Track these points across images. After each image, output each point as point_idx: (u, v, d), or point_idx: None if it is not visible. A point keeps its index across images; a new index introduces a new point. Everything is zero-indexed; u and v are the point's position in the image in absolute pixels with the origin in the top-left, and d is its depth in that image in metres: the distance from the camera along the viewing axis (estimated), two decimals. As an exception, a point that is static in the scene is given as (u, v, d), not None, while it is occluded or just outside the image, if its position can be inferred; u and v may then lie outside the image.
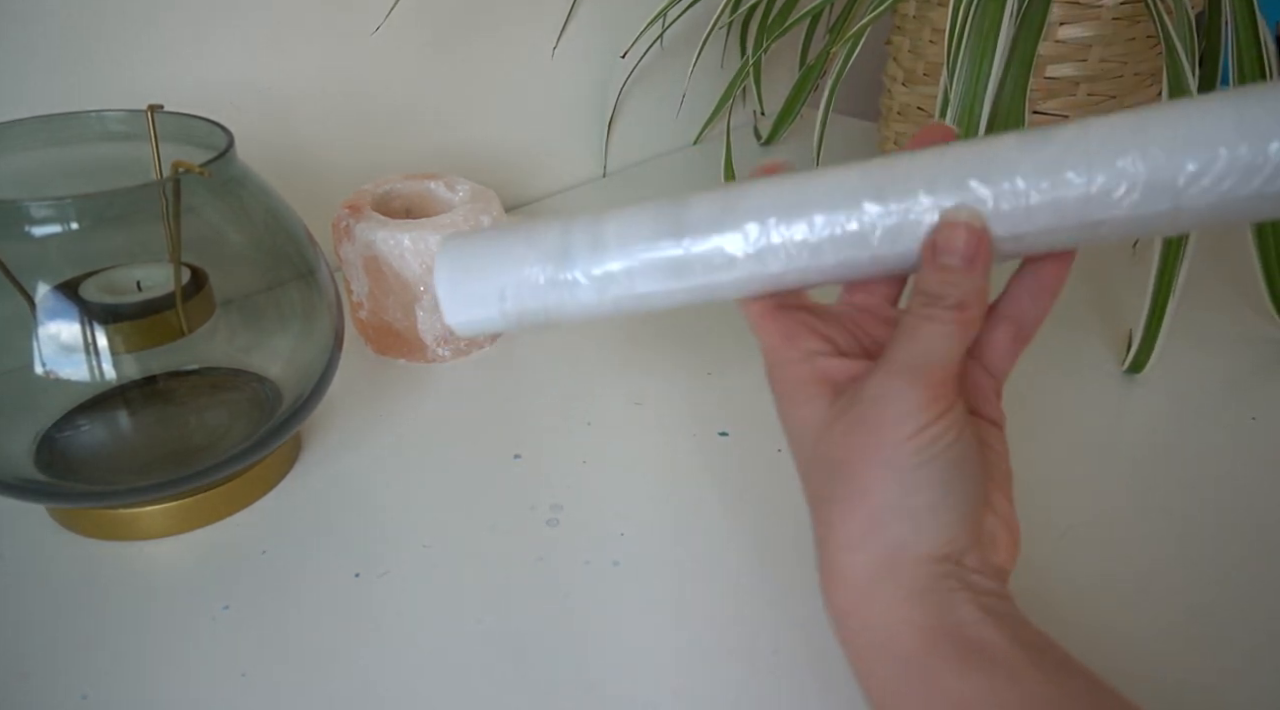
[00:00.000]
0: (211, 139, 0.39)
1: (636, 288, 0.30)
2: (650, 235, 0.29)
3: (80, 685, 0.33)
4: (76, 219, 0.34)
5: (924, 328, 0.27)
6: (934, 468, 0.26)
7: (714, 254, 0.29)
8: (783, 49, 0.92)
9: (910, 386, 0.27)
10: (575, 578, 0.38)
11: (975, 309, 0.27)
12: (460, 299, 0.30)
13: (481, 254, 0.30)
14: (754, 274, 0.29)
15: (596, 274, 0.30)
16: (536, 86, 0.73)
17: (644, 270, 0.29)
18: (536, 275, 0.30)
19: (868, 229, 0.28)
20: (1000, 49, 0.55)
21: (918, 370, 0.27)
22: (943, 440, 0.27)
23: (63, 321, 0.35)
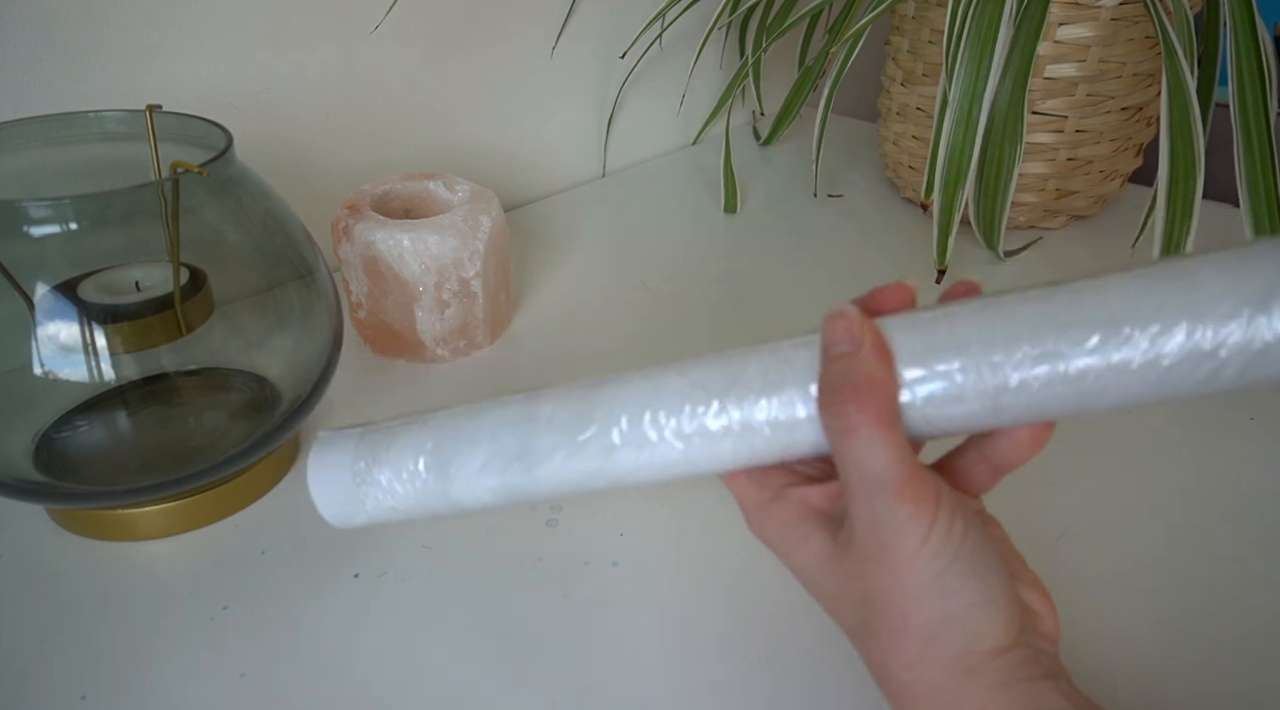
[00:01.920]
0: (210, 139, 0.39)
1: (484, 502, 0.31)
2: (497, 472, 0.30)
3: (80, 685, 0.33)
4: (75, 219, 0.34)
5: (850, 445, 0.26)
6: (959, 566, 0.25)
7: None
8: (782, 49, 0.92)
9: (888, 506, 0.25)
10: (575, 578, 0.38)
11: (879, 399, 0.25)
12: (331, 505, 0.32)
13: (342, 479, 0.32)
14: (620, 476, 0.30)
15: (453, 498, 0.31)
16: (536, 86, 0.73)
17: (495, 492, 0.31)
18: (390, 500, 0.31)
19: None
20: (999, 49, 0.55)
21: (881, 486, 0.25)
22: (952, 538, 0.25)
23: (62, 322, 0.35)
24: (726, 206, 0.73)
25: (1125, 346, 0.24)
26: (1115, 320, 0.24)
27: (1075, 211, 0.70)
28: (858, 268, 0.65)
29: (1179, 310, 0.24)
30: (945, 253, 0.58)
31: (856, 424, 0.25)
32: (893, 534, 0.25)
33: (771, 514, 0.29)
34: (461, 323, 0.52)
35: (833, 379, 0.26)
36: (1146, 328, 0.24)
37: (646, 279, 0.63)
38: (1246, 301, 0.23)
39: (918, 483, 0.25)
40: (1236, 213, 0.55)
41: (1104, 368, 0.24)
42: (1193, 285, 0.24)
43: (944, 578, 0.25)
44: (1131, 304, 0.24)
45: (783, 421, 0.27)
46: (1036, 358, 0.25)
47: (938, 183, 0.57)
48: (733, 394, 0.28)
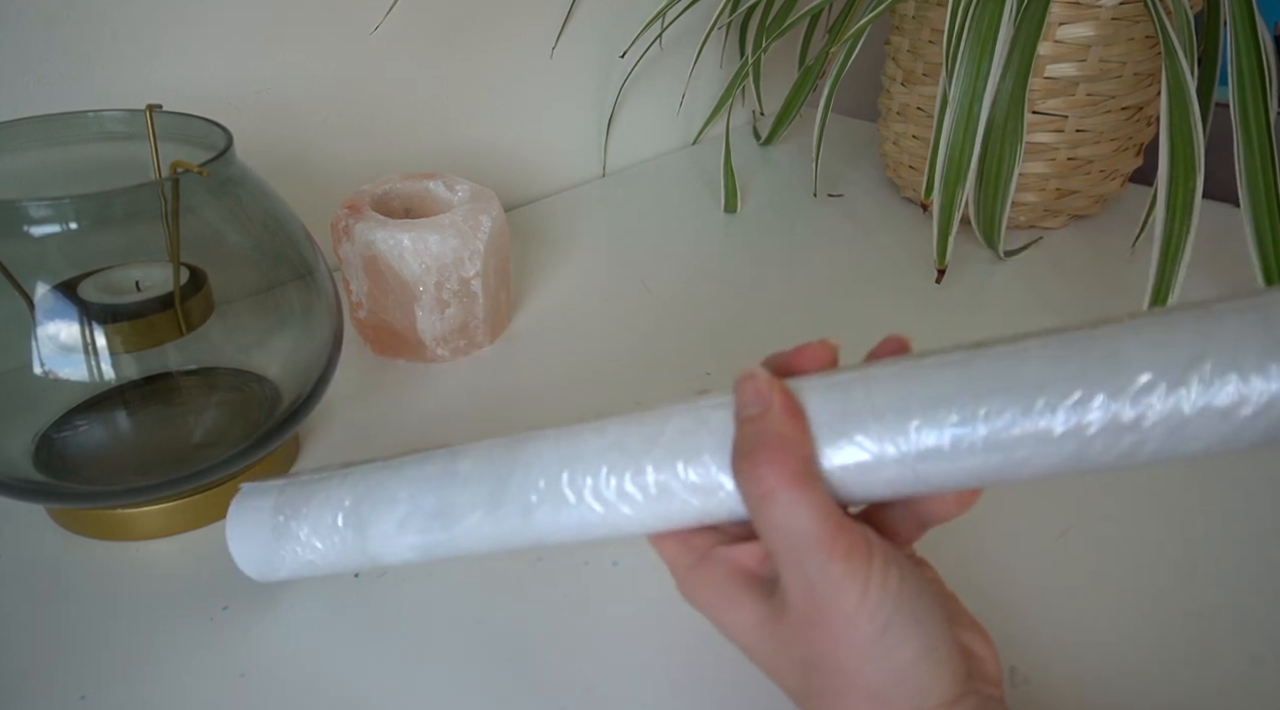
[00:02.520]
0: (210, 139, 0.39)
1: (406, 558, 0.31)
2: (416, 531, 0.30)
3: (79, 685, 0.33)
4: (75, 219, 0.34)
5: (769, 509, 0.25)
6: (900, 618, 0.24)
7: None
8: (782, 49, 0.92)
9: (820, 566, 0.24)
10: (574, 578, 0.38)
11: (793, 459, 0.25)
12: (251, 559, 0.33)
13: (261, 532, 0.33)
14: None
15: (372, 555, 0.32)
16: (536, 86, 0.73)
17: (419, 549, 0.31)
18: (310, 555, 0.32)
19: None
20: (999, 49, 0.55)
21: (809, 547, 0.24)
22: (889, 589, 0.24)
23: (62, 321, 0.35)
24: (727, 206, 0.73)
25: (1044, 416, 0.23)
26: (1033, 389, 0.24)
27: (1075, 211, 0.70)
28: (858, 268, 0.65)
29: (1097, 381, 0.23)
30: (945, 252, 0.58)
31: (773, 486, 0.24)
32: (829, 595, 0.24)
33: (700, 577, 0.28)
34: (462, 322, 0.52)
35: (744, 443, 0.26)
36: (1065, 398, 0.23)
37: (646, 279, 0.63)
38: (1165, 375, 0.22)
39: (846, 537, 0.24)
40: (1237, 212, 0.55)
41: (1023, 437, 0.24)
42: (1113, 354, 0.23)
43: (887, 633, 0.24)
44: (1050, 372, 0.24)
45: (701, 486, 0.27)
46: (955, 424, 0.24)
47: (938, 182, 0.57)
48: (650, 456, 0.27)
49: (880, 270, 0.64)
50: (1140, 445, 0.23)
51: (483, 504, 0.29)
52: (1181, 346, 0.22)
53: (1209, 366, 0.22)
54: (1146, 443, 0.23)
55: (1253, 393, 0.22)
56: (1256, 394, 0.22)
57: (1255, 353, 0.22)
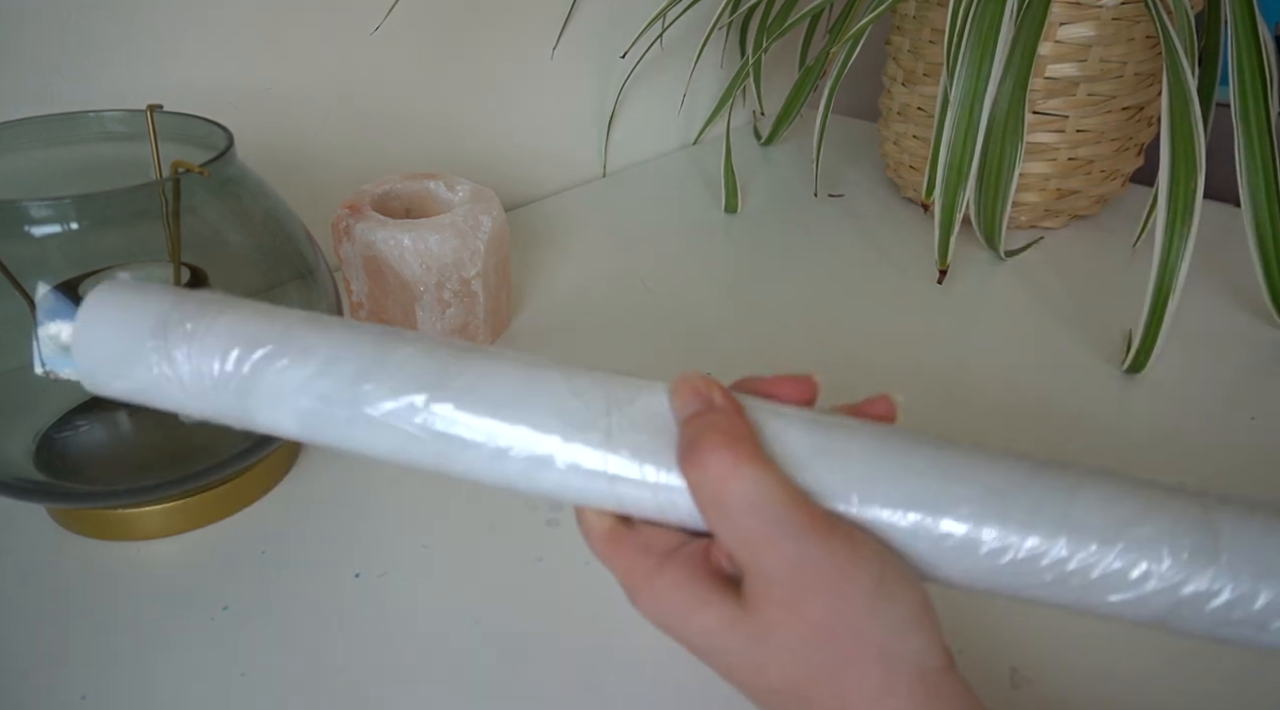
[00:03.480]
0: (211, 139, 0.39)
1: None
2: (317, 395, 0.26)
3: (80, 685, 0.33)
4: (76, 219, 0.34)
5: (733, 490, 0.24)
6: (889, 572, 0.24)
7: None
8: (783, 49, 0.92)
9: (799, 532, 0.24)
10: (574, 578, 0.38)
11: (745, 440, 0.25)
12: (91, 360, 0.27)
13: (130, 332, 0.27)
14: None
15: (249, 407, 0.27)
16: (536, 86, 0.73)
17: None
18: (168, 381, 0.27)
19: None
20: (1000, 49, 0.55)
21: (786, 516, 0.24)
22: (871, 544, 0.24)
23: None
24: (727, 206, 0.73)
25: (986, 524, 0.24)
26: (989, 496, 0.24)
27: (1076, 211, 0.70)
28: (858, 268, 0.65)
29: (1055, 524, 0.24)
30: (946, 252, 0.58)
31: (734, 464, 0.24)
32: (821, 557, 0.23)
33: (663, 579, 0.26)
34: (462, 322, 0.52)
35: (690, 437, 0.25)
36: (1006, 521, 0.24)
37: (646, 279, 0.63)
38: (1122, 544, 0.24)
39: (811, 504, 0.24)
40: (1238, 212, 0.55)
41: (965, 538, 0.24)
42: (1067, 506, 0.24)
43: (883, 584, 0.24)
44: (1011, 484, 0.25)
45: (655, 484, 0.26)
46: (919, 513, 0.25)
47: (939, 182, 0.57)
48: (610, 437, 0.26)
49: (881, 270, 0.64)
50: (1058, 588, 0.24)
51: (410, 393, 0.26)
52: (1144, 526, 0.24)
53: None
54: (1063, 591, 0.24)
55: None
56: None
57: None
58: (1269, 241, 0.54)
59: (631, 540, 0.27)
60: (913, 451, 0.25)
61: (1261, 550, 0.23)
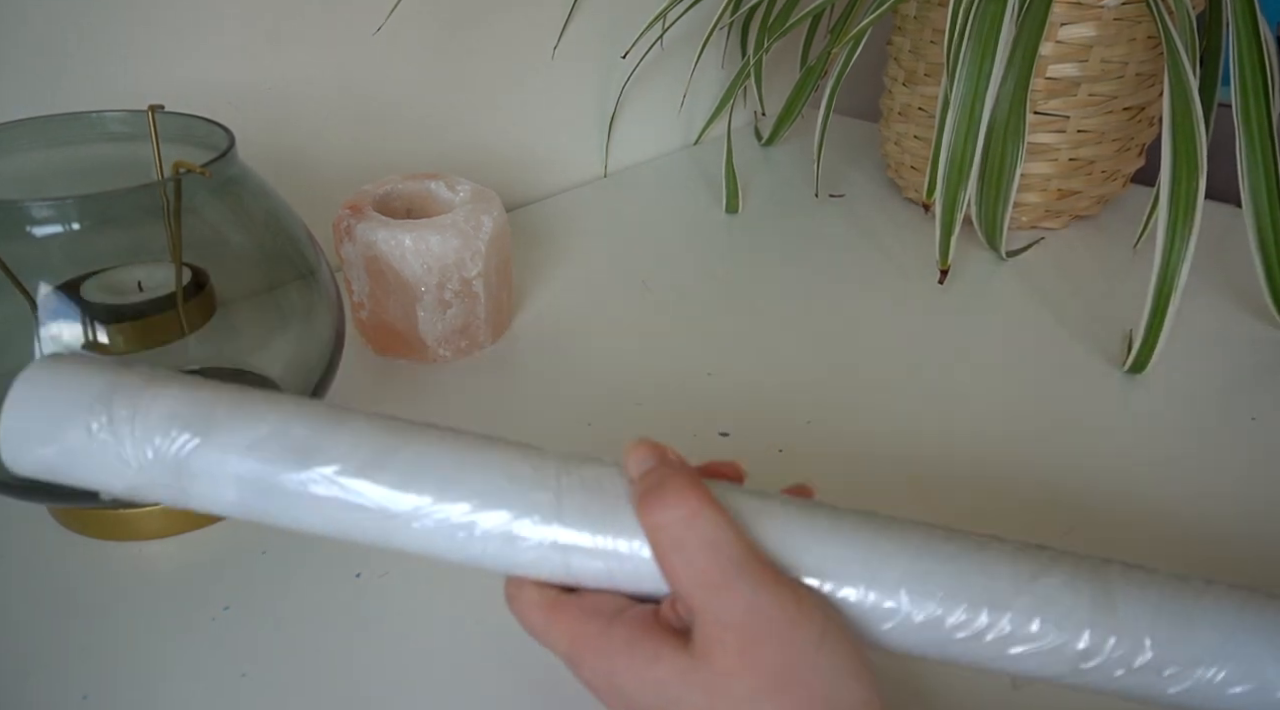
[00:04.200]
0: (212, 139, 0.39)
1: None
2: (261, 458, 0.26)
3: (81, 685, 0.33)
4: (78, 219, 0.34)
5: (693, 535, 0.25)
6: (830, 624, 0.25)
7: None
8: (784, 49, 0.92)
9: (756, 575, 0.24)
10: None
11: (701, 488, 0.25)
12: (26, 429, 0.26)
13: (55, 418, 0.26)
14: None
15: (185, 478, 0.26)
16: (537, 86, 0.73)
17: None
18: (100, 456, 0.26)
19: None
20: (1001, 49, 0.55)
21: (744, 558, 0.24)
22: (813, 594, 0.25)
23: (64, 322, 0.35)
24: (728, 207, 0.73)
25: (923, 598, 0.26)
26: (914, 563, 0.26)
27: (1077, 211, 0.70)
28: (859, 268, 0.65)
29: (981, 594, 0.26)
30: (947, 253, 0.57)
31: (696, 506, 0.25)
32: (772, 603, 0.24)
33: (611, 641, 0.26)
34: (463, 322, 0.52)
35: (648, 485, 0.26)
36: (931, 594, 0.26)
37: (647, 279, 0.63)
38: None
39: (764, 553, 0.25)
40: (1239, 213, 0.55)
41: (898, 609, 0.26)
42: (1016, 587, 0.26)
43: (826, 635, 0.24)
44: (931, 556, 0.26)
45: (609, 551, 0.26)
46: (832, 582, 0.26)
47: (940, 183, 0.57)
48: (561, 518, 0.26)
49: (882, 271, 0.64)
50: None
51: (356, 459, 0.25)
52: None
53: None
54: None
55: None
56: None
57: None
58: (1270, 242, 0.54)
59: (575, 605, 0.27)
60: (842, 523, 0.27)
61: (1147, 602, 0.25)
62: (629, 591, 0.27)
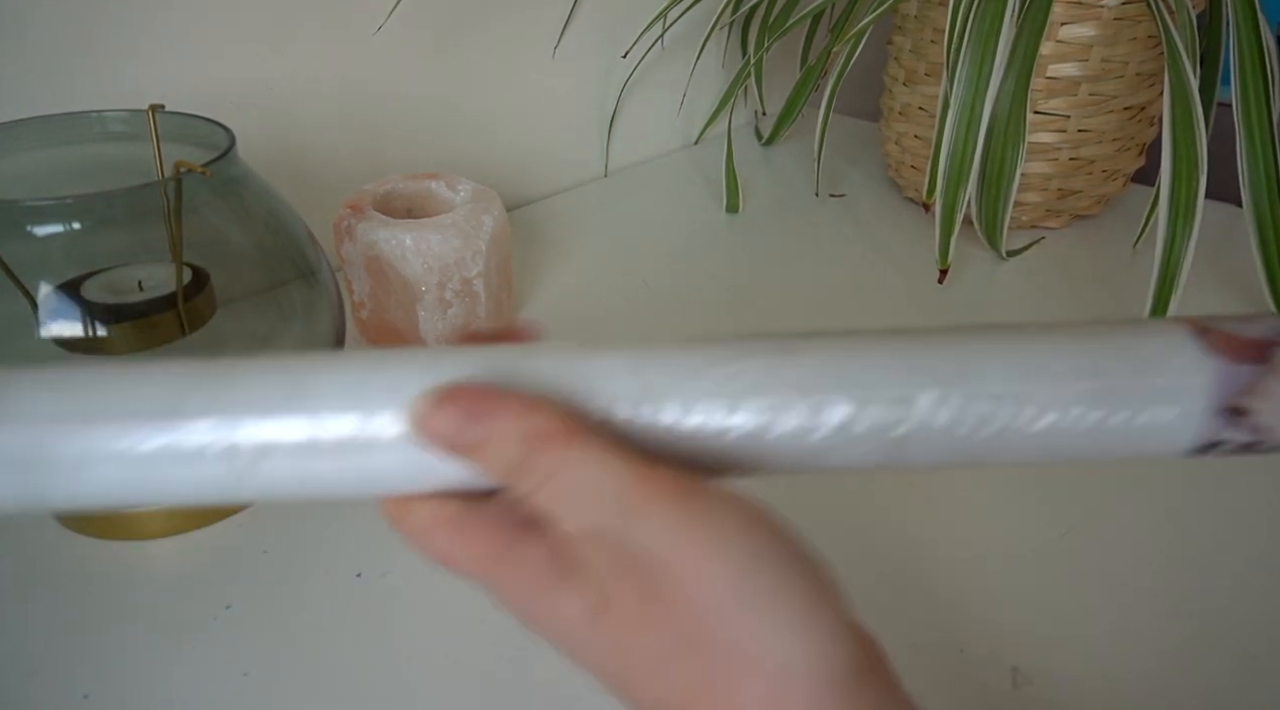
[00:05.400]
0: (213, 139, 0.39)
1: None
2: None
3: (82, 684, 0.33)
4: (78, 219, 0.34)
5: (564, 477, 0.20)
6: (764, 565, 0.19)
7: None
8: (784, 49, 0.92)
9: (643, 513, 0.19)
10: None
11: (557, 416, 0.20)
12: None
13: None
14: None
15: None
16: (538, 86, 0.73)
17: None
18: None
19: None
20: (1002, 49, 0.55)
21: (628, 497, 0.19)
22: (743, 531, 0.19)
23: (64, 321, 0.35)
24: (728, 206, 0.73)
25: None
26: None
27: (1077, 211, 0.70)
28: (859, 268, 0.65)
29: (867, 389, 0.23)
30: (947, 252, 0.57)
31: (557, 451, 0.20)
32: (672, 550, 0.19)
33: (519, 566, 0.21)
34: (464, 322, 0.52)
35: (503, 457, 0.20)
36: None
37: (648, 278, 0.63)
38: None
39: (667, 476, 0.19)
40: (1239, 212, 0.55)
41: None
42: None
43: (755, 578, 0.19)
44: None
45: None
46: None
47: (940, 182, 0.57)
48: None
49: (882, 270, 0.64)
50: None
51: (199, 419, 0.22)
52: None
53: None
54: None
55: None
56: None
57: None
58: (1271, 241, 0.54)
59: (481, 520, 0.21)
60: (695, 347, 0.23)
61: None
62: None
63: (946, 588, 0.38)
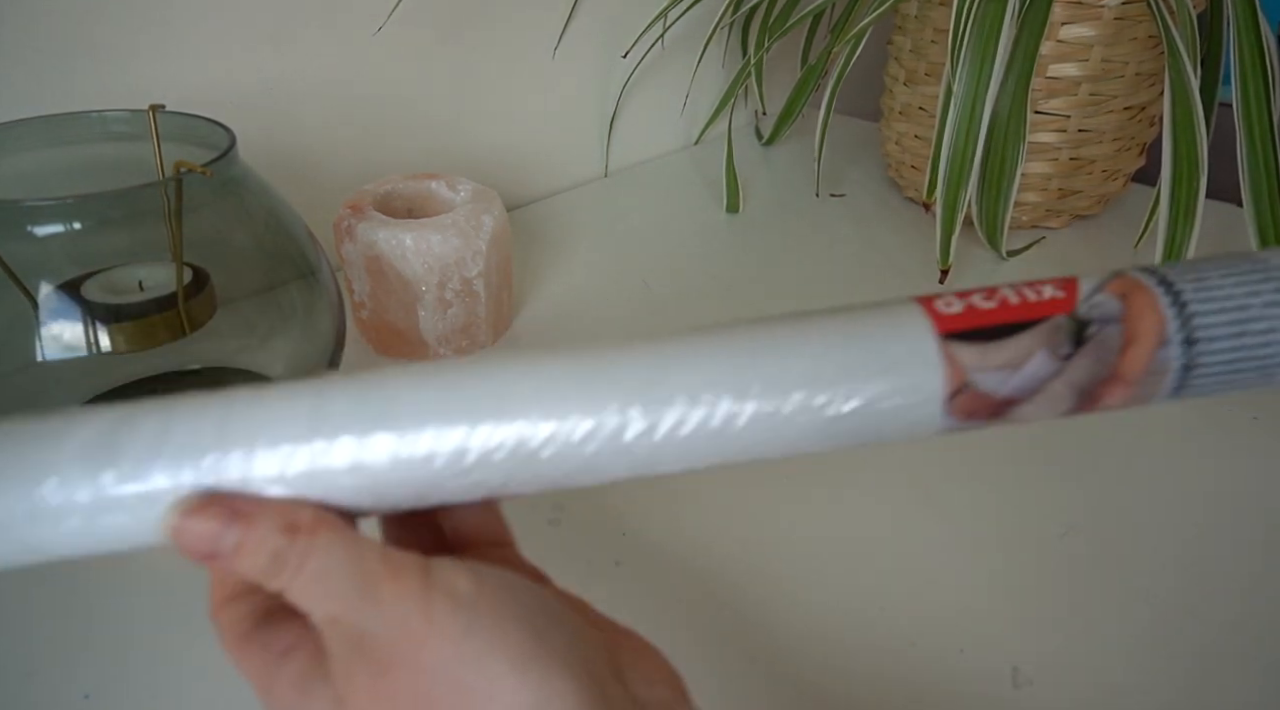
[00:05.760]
0: (213, 139, 0.39)
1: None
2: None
3: (83, 684, 0.33)
4: (79, 219, 0.34)
5: (300, 577, 0.20)
6: (481, 631, 0.20)
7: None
8: (784, 49, 0.92)
9: (369, 605, 0.20)
10: (577, 577, 0.38)
11: (278, 533, 0.21)
12: None
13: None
14: None
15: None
16: (538, 86, 0.73)
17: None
18: None
19: None
20: (1002, 49, 0.55)
21: (347, 590, 0.20)
22: (460, 599, 0.20)
23: (65, 321, 0.35)
24: (728, 206, 0.73)
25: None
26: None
27: (1078, 211, 0.70)
28: (860, 268, 0.65)
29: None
30: (948, 253, 0.57)
31: (295, 555, 0.20)
32: (396, 629, 0.20)
33: (283, 678, 0.22)
34: (464, 322, 0.52)
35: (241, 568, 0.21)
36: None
37: (648, 278, 0.63)
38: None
39: (401, 558, 0.21)
40: (1240, 212, 0.55)
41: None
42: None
43: (469, 639, 0.20)
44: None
45: None
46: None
47: (940, 182, 0.57)
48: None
49: (882, 271, 0.64)
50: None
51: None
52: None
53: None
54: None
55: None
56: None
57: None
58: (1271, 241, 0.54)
59: (258, 637, 0.23)
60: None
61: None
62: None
63: (947, 588, 0.38)
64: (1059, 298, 0.23)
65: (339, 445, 0.21)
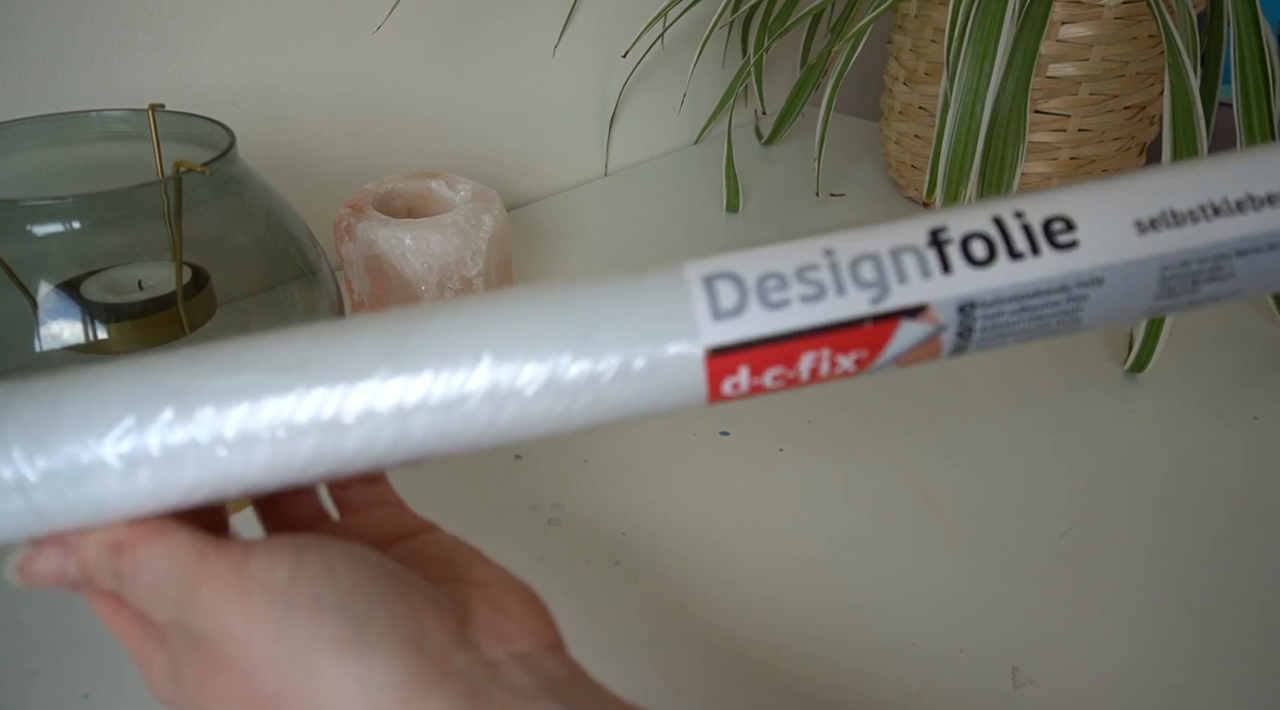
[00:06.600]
0: (213, 138, 0.39)
1: None
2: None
3: (83, 683, 0.33)
4: (78, 218, 0.34)
5: (133, 578, 0.21)
6: (297, 615, 0.20)
7: None
8: (784, 48, 0.92)
9: (190, 605, 0.20)
10: (576, 577, 0.38)
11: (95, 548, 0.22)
12: None
13: None
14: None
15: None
16: (538, 86, 0.73)
17: None
18: None
19: None
20: (1002, 48, 0.55)
21: (173, 592, 0.21)
22: (274, 587, 0.20)
23: (64, 320, 0.35)
24: (729, 206, 0.73)
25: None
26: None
27: (1078, 211, 0.70)
28: (860, 267, 0.65)
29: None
30: (947, 252, 0.57)
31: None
32: (218, 626, 0.20)
33: (161, 657, 0.23)
34: (464, 322, 0.52)
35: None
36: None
37: (648, 278, 0.63)
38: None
39: (219, 554, 0.21)
40: (1239, 212, 0.55)
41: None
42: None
43: (287, 628, 0.19)
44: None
45: None
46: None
47: (940, 182, 0.57)
48: None
49: (882, 270, 0.64)
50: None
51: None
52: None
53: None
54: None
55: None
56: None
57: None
58: (1271, 241, 0.54)
59: (132, 609, 0.24)
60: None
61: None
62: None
63: (946, 588, 0.38)
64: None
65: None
